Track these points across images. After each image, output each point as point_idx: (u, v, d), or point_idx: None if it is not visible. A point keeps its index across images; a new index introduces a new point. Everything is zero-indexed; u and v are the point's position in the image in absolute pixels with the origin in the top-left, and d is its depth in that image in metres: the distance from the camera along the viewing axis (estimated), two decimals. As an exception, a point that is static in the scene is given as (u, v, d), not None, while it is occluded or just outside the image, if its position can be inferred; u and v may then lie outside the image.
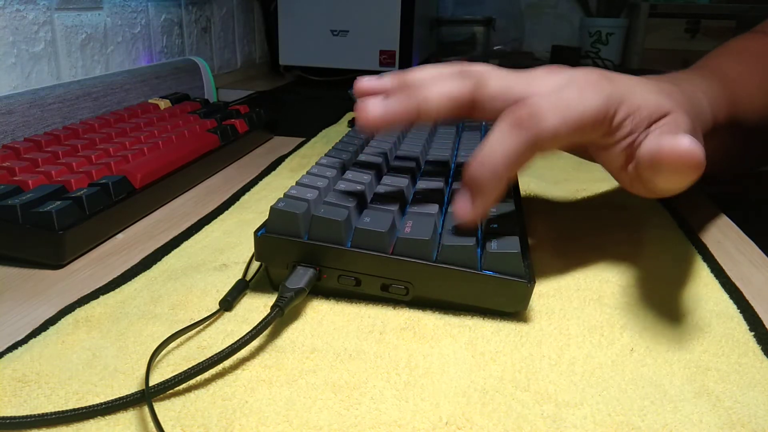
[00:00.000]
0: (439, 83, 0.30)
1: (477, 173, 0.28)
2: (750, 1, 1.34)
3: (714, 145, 0.35)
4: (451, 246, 0.29)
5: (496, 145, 0.28)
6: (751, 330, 0.29)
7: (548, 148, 0.28)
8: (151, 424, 0.22)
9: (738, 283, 0.33)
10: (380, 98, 0.31)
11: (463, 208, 0.29)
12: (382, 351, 0.27)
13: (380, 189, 0.35)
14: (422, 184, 0.36)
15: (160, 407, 0.23)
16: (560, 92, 0.28)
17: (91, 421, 0.22)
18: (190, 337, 0.28)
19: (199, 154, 0.51)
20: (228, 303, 0.30)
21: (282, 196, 0.32)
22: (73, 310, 0.30)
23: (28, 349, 0.27)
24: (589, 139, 0.30)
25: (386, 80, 0.32)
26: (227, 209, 0.44)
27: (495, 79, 0.30)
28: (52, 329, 0.28)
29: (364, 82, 0.32)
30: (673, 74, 0.36)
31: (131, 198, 0.41)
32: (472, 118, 0.31)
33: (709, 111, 0.35)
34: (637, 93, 0.29)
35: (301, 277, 0.29)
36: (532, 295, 0.30)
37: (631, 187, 0.31)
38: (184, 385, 0.24)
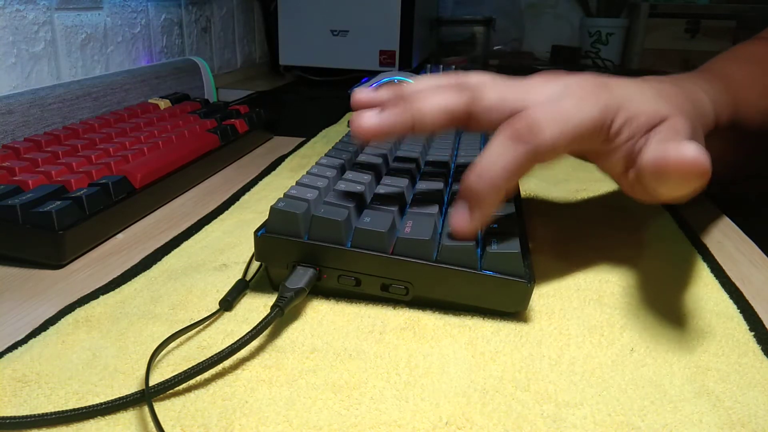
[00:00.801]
0: (434, 96, 0.30)
1: (475, 185, 0.28)
2: (750, 1, 1.34)
3: (716, 147, 0.35)
4: (450, 246, 0.29)
5: (495, 158, 0.28)
6: (751, 330, 0.29)
7: (547, 159, 0.28)
8: (151, 424, 0.22)
9: (738, 283, 0.33)
10: (376, 110, 0.31)
11: (462, 220, 0.29)
12: (382, 351, 0.27)
13: (380, 189, 0.35)
14: (422, 185, 0.36)
15: (160, 407, 0.23)
16: (557, 103, 0.28)
17: (91, 421, 0.22)
18: (190, 337, 0.28)
19: (199, 154, 0.51)
20: (228, 303, 0.30)
21: (282, 196, 0.32)
22: (73, 310, 0.30)
23: (28, 349, 0.27)
24: (588, 147, 0.30)
25: (382, 93, 0.32)
26: (227, 209, 0.44)
27: (491, 91, 0.30)
28: (52, 329, 0.28)
29: (361, 95, 0.32)
30: (676, 75, 0.36)
31: (131, 198, 0.41)
32: (468, 130, 0.31)
33: (711, 111, 0.35)
34: (635, 99, 0.29)
35: (301, 277, 0.29)
36: (532, 295, 0.30)
37: (632, 191, 0.31)
38: (184, 385, 0.24)
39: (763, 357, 0.27)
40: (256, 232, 0.30)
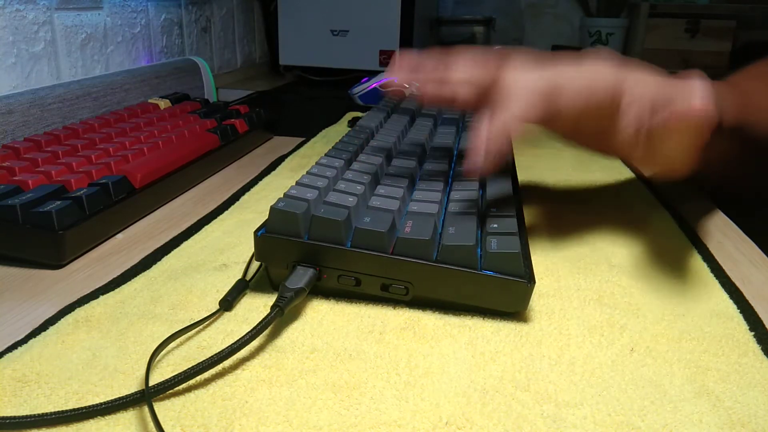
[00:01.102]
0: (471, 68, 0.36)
1: (497, 123, 0.32)
2: (750, 1, 1.34)
3: (719, 147, 0.36)
4: (451, 246, 0.29)
5: (516, 105, 0.32)
6: (751, 330, 0.29)
7: (564, 121, 0.34)
8: (151, 424, 0.22)
9: (738, 283, 0.33)
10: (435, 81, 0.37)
11: (475, 159, 0.32)
12: (382, 351, 0.27)
13: (380, 189, 0.35)
14: (423, 184, 0.36)
15: (160, 407, 0.23)
16: (579, 75, 0.34)
17: (91, 421, 0.22)
18: (190, 337, 0.28)
19: (199, 154, 0.51)
20: (228, 303, 0.30)
21: (282, 196, 0.32)
22: (73, 310, 0.30)
23: (28, 349, 0.27)
24: (602, 119, 0.34)
25: (427, 62, 0.38)
26: (227, 209, 0.44)
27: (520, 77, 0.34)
28: (52, 329, 0.28)
29: (406, 59, 0.39)
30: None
31: (131, 198, 0.41)
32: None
33: (716, 106, 0.35)
34: (640, 82, 0.33)
35: (301, 277, 0.29)
36: (532, 295, 0.30)
37: (643, 162, 0.34)
38: (184, 385, 0.24)
39: (763, 357, 0.27)
40: (256, 232, 0.30)
